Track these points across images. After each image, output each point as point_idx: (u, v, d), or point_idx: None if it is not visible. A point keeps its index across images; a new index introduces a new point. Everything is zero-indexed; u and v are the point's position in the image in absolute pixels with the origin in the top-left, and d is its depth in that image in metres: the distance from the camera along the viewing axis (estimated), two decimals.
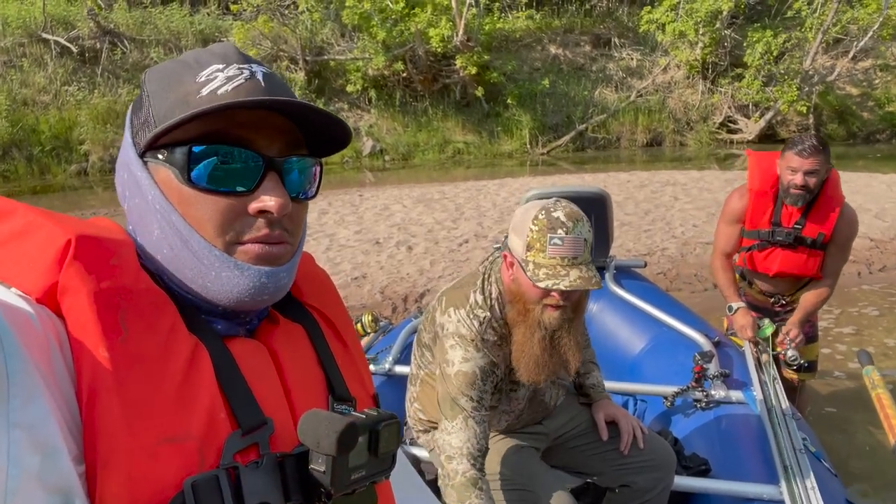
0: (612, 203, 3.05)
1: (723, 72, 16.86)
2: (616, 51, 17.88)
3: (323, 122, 0.68)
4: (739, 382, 2.26)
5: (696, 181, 9.31)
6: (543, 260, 1.50)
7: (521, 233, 1.54)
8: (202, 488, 0.56)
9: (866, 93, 17.16)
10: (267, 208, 0.64)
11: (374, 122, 15.59)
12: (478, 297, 1.66)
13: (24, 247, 0.59)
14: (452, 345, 1.62)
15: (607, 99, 16.90)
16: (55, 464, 0.50)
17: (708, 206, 7.64)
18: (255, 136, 0.64)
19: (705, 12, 15.44)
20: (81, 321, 0.55)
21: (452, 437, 1.59)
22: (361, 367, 0.81)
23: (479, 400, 1.61)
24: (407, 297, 4.89)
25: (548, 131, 16.00)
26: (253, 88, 0.64)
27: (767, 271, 2.73)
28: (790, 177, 2.49)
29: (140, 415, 0.55)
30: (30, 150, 12.78)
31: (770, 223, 2.64)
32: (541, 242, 1.50)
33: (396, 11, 14.90)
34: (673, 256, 5.73)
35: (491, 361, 1.62)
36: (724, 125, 16.90)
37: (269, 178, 0.65)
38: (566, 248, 1.48)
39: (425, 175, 12.85)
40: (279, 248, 0.67)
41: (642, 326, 2.78)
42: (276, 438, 0.64)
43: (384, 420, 0.66)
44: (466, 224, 7.04)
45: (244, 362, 0.65)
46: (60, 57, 14.20)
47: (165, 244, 0.65)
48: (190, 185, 0.63)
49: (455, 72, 15.47)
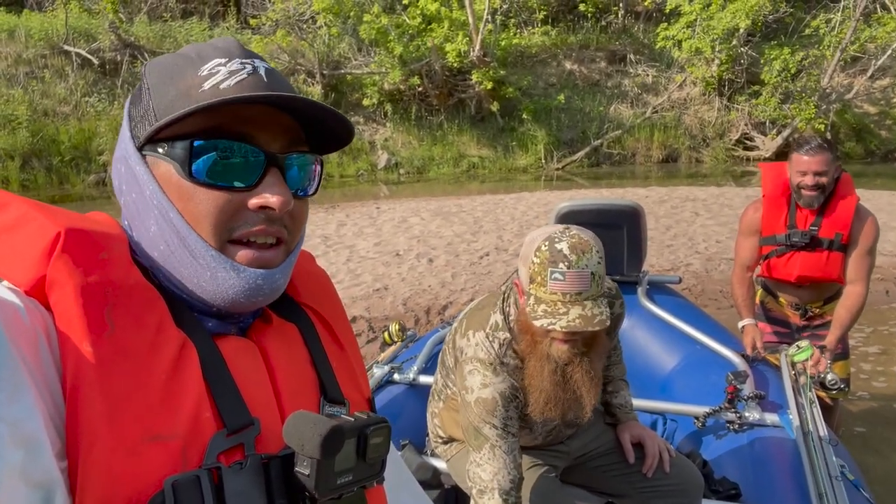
0: (646, 217, 2.99)
1: (739, 89, 16.81)
2: (632, 67, 17.89)
3: (325, 119, 0.67)
4: (775, 405, 2.19)
5: (717, 197, 9.24)
6: (544, 295, 1.41)
7: (526, 263, 1.47)
8: (182, 488, 0.55)
9: (884, 111, 17.04)
10: (269, 204, 0.63)
11: (390, 136, 15.65)
12: (497, 319, 1.59)
13: (15, 239, 0.58)
14: (471, 370, 1.55)
15: (622, 115, 16.89)
16: (38, 459, 0.49)
17: (730, 221, 7.56)
18: (258, 132, 0.64)
19: (722, 30, 15.43)
20: (68, 315, 0.54)
21: (481, 469, 1.50)
22: (357, 370, 0.80)
23: (504, 427, 1.51)
24: (430, 310, 4.84)
25: (563, 146, 15.99)
26: (255, 84, 0.64)
27: (789, 277, 2.70)
28: (800, 178, 2.50)
29: (123, 411, 0.54)
30: (49, 160, 12.91)
31: (785, 227, 2.63)
32: (542, 276, 1.41)
33: (413, 27, 15.02)
34: (698, 272, 5.66)
35: (512, 385, 1.53)
36: (740, 142, 16.82)
37: (270, 174, 0.64)
38: (568, 284, 1.39)
39: (440, 189, 12.85)
40: (273, 253, 0.66)
41: (674, 343, 2.72)
42: (263, 440, 0.63)
43: (374, 424, 0.65)
44: (486, 237, 7.00)
45: (233, 361, 0.64)
46: (81, 69, 14.39)
47: (161, 241, 0.64)
48: (190, 179, 0.62)
49: (470, 86, 15.53)
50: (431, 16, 14.97)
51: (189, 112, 0.59)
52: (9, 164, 12.29)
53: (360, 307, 4.79)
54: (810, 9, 17.59)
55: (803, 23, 17.07)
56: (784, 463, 1.88)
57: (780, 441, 1.97)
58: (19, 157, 12.49)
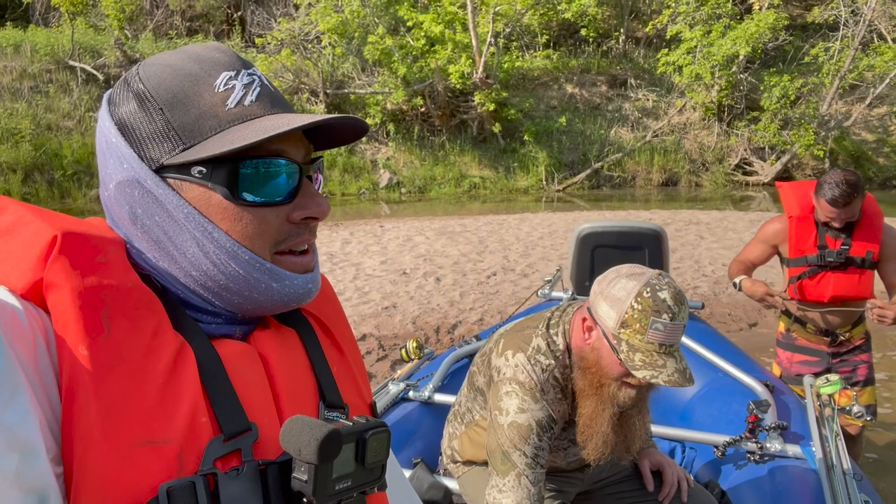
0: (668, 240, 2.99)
1: (739, 114, 16.98)
2: (632, 91, 18.07)
3: (339, 126, 0.69)
4: (797, 436, 2.13)
5: (720, 221, 9.27)
6: (640, 343, 1.37)
7: (618, 307, 1.40)
8: (177, 494, 0.54)
9: (882, 139, 17.21)
10: (313, 215, 0.66)
11: (392, 155, 15.72)
12: (540, 343, 1.55)
13: (12, 243, 0.58)
14: (508, 392, 1.50)
15: (623, 138, 17.02)
16: (32, 464, 0.48)
17: (735, 245, 7.58)
18: (287, 147, 0.65)
19: (722, 56, 15.62)
20: (64, 318, 0.54)
21: (504, 496, 1.46)
22: (358, 376, 0.79)
23: (535, 457, 1.47)
24: (439, 328, 4.82)
25: (563, 168, 16.08)
26: (272, 96, 0.66)
27: (822, 297, 2.64)
28: (827, 218, 2.49)
29: (117, 415, 0.53)
30: (52, 173, 12.92)
31: (816, 247, 2.60)
32: (641, 324, 1.36)
33: (417, 48, 15.16)
34: (706, 295, 5.66)
35: (549, 415, 1.49)
36: (739, 167, 16.96)
37: (304, 185, 0.66)
38: (667, 335, 1.36)
39: (441, 209, 12.88)
40: (310, 257, 0.69)
41: (696, 370, 2.66)
42: (261, 445, 0.62)
43: (372, 428, 0.64)
44: (492, 257, 7.00)
45: (231, 365, 0.63)
46: (86, 84, 14.47)
47: (206, 261, 0.63)
48: (237, 201, 0.63)
49: (473, 108, 15.65)
50: (435, 38, 15.13)
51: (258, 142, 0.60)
52: (11, 178, 12.29)
53: (370, 325, 4.76)
54: (808, 37, 17.86)
55: (802, 51, 17.31)
56: (805, 496, 1.81)
57: (802, 473, 1.91)
58: (21, 171, 12.50)
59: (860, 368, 2.75)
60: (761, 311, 5.51)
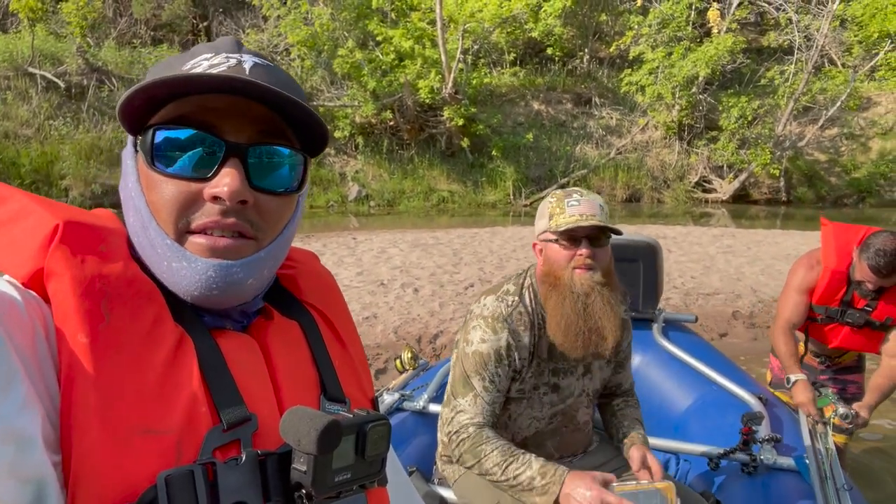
0: (663, 254, 2.96)
1: (698, 133, 17.52)
2: (596, 109, 18.48)
3: (298, 115, 0.65)
4: (791, 448, 2.13)
5: (685, 235, 9.53)
6: (564, 220, 1.58)
7: (543, 213, 1.65)
8: (176, 483, 0.54)
9: (833, 159, 17.96)
10: (218, 194, 0.61)
11: (361, 168, 15.71)
12: (510, 287, 1.72)
13: (14, 231, 0.58)
14: (475, 326, 1.67)
15: (588, 155, 17.36)
16: (29, 454, 0.48)
17: (702, 259, 7.81)
18: (222, 122, 0.62)
19: (683, 77, 16.14)
20: (64, 306, 0.54)
21: (461, 414, 1.63)
22: (360, 370, 0.79)
23: (492, 381, 1.63)
24: (421, 338, 4.84)
25: (531, 183, 16.30)
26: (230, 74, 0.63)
27: (826, 343, 2.67)
28: (864, 281, 2.39)
29: (116, 403, 0.53)
30: (9, 182, 12.47)
31: (839, 302, 2.53)
32: (560, 208, 1.60)
33: (387, 63, 15.24)
34: (678, 307, 5.81)
35: (509, 345, 1.64)
36: (699, 184, 17.46)
37: (228, 165, 0.62)
38: (583, 207, 1.57)
39: (410, 222, 12.90)
40: (231, 242, 0.62)
41: (690, 382, 2.66)
42: (261, 436, 0.61)
43: (372, 421, 0.64)
44: (467, 269, 7.06)
45: (232, 356, 0.63)
46: (46, 91, 14.09)
47: (133, 231, 0.64)
48: (152, 167, 0.62)
49: (441, 122, 15.78)
50: (405, 53, 15.23)
51: (138, 88, 0.58)
52: None
53: None
54: (764, 61, 18.58)
55: (758, 74, 17.99)
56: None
57: (796, 485, 1.93)
58: None
59: (850, 387, 2.79)
60: (730, 322, 5.69)
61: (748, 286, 6.61)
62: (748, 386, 2.55)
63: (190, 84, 0.60)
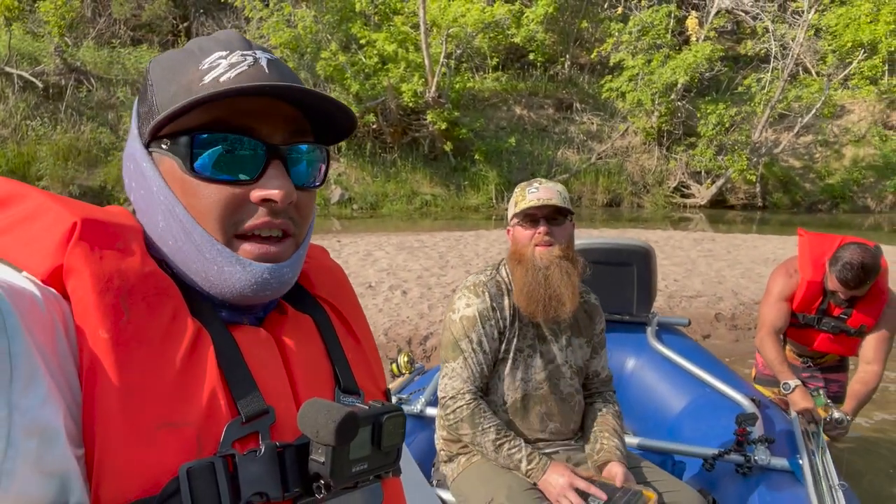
0: (657, 258, 2.97)
1: (677, 139, 17.78)
2: (577, 115, 18.66)
3: (327, 109, 0.67)
4: (784, 449, 2.16)
5: (667, 240, 9.67)
6: (525, 204, 1.81)
7: (511, 201, 1.88)
8: (197, 475, 0.55)
9: (808, 165, 18.34)
10: (270, 197, 0.63)
11: (344, 171, 15.67)
12: (489, 266, 1.97)
13: (32, 229, 0.59)
14: (459, 296, 1.88)
15: (569, 159, 17.52)
16: (53, 448, 0.49)
17: (683, 262, 7.94)
18: (259, 125, 0.64)
19: (662, 84, 16.37)
20: (84, 302, 0.55)
21: (454, 380, 1.80)
22: (373, 363, 0.80)
23: (479, 343, 1.82)
24: (411, 340, 4.87)
25: (513, 187, 16.21)
26: (256, 75, 0.63)
27: (805, 345, 2.77)
28: (836, 290, 2.49)
29: (137, 398, 0.54)
30: None
31: (815, 310, 2.63)
32: (522, 195, 1.83)
33: (370, 66, 15.25)
34: (662, 309, 5.91)
35: (492, 306, 1.85)
36: (677, 189, 17.71)
37: (272, 167, 0.64)
38: (541, 193, 1.80)
39: (393, 225, 12.91)
40: (280, 247, 0.66)
41: (684, 385, 2.70)
42: (278, 428, 0.63)
43: (388, 412, 0.65)
44: (454, 272, 7.10)
45: (248, 350, 0.64)
46: (23, 91, 13.85)
47: (170, 236, 0.64)
48: (193, 174, 0.63)
49: (425, 126, 15.81)
50: (388, 56, 15.26)
51: (186, 105, 0.59)
52: None
53: None
54: (740, 69, 18.93)
55: (735, 81, 18.32)
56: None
57: (790, 485, 1.97)
58: None
59: (832, 386, 2.87)
60: (713, 324, 5.81)
61: (729, 289, 6.74)
62: (741, 388, 2.58)
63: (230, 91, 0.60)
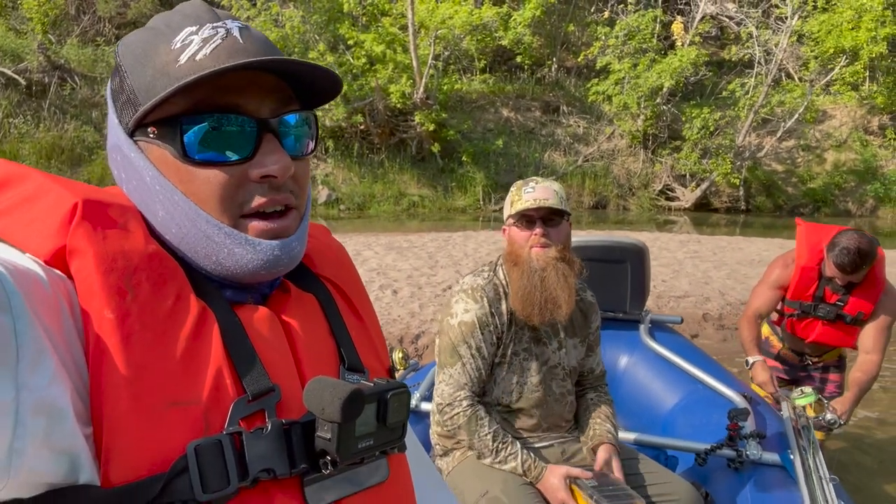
0: (650, 256, 3.01)
1: (662, 143, 17.94)
2: (564, 117, 18.77)
3: (310, 74, 0.65)
4: (775, 444, 2.20)
5: (654, 241, 9.76)
6: (521, 204, 1.79)
7: (507, 201, 1.87)
8: (205, 452, 0.55)
9: (790, 170, 18.59)
10: (270, 173, 0.63)
11: (331, 172, 15.63)
12: (485, 267, 1.95)
13: (34, 210, 0.58)
14: (457, 300, 1.84)
15: (556, 162, 17.61)
16: (61, 426, 0.49)
17: (671, 263, 8.02)
18: (244, 100, 0.63)
19: (648, 88, 16.52)
20: (88, 282, 0.55)
21: (451, 386, 1.79)
22: (377, 340, 0.81)
23: (478, 349, 1.79)
24: (403, 339, 4.88)
25: (500, 189, 16.44)
26: (231, 48, 0.62)
27: (805, 338, 2.81)
28: (833, 276, 2.53)
29: (144, 377, 0.54)
30: None
31: (812, 297, 2.68)
32: (518, 195, 1.81)
33: (358, 67, 15.23)
34: (651, 309, 5.95)
35: (489, 312, 1.81)
36: (662, 192, 17.87)
37: (266, 142, 0.63)
38: (538, 193, 1.78)
39: (380, 226, 12.90)
40: (286, 221, 0.66)
41: (676, 382, 2.73)
42: (284, 406, 0.63)
43: (393, 389, 0.66)
44: (444, 272, 7.11)
45: (253, 329, 0.64)
46: (5, 88, 13.66)
47: (173, 224, 0.63)
48: (186, 160, 0.62)
49: (412, 127, 15.81)
50: (376, 57, 15.25)
51: (171, 93, 0.58)
52: None
53: None
54: (724, 73, 19.14)
55: (719, 86, 18.53)
56: (785, 502, 1.91)
57: (782, 480, 2.00)
58: None
59: (829, 386, 2.92)
60: (701, 324, 5.87)
61: (716, 289, 6.82)
62: (733, 385, 2.62)
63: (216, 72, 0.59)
